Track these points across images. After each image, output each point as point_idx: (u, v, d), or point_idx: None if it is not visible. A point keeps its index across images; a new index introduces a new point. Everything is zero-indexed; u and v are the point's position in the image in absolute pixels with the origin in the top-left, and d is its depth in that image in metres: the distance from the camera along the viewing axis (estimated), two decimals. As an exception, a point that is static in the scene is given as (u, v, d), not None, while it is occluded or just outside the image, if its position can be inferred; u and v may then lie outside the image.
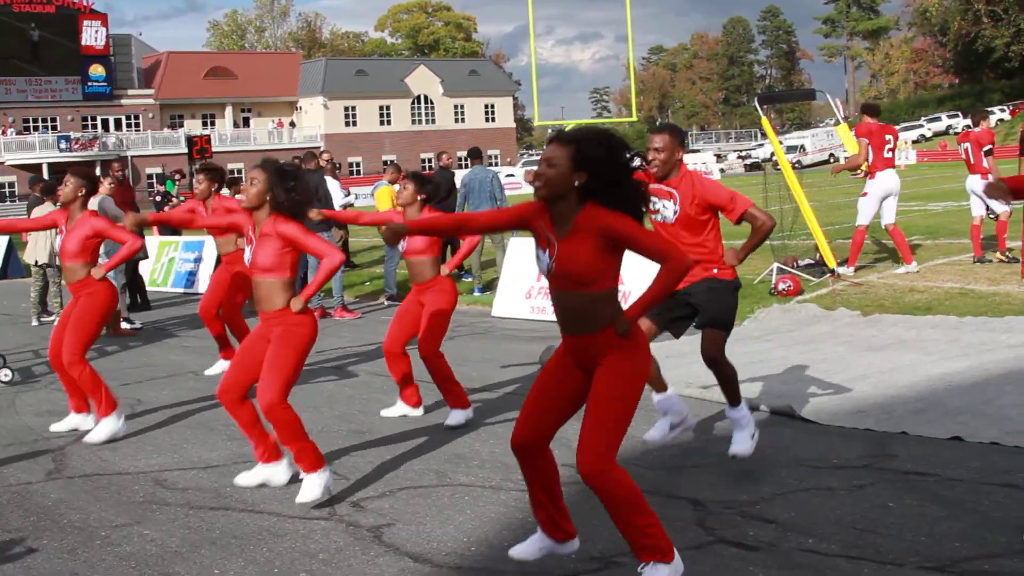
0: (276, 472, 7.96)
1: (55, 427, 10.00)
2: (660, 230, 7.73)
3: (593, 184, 5.42)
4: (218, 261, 13.44)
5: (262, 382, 7.44)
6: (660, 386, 8.07)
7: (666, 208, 7.71)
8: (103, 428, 9.62)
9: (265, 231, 7.60)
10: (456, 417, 9.66)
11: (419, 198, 9.81)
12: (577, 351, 5.65)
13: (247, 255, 7.72)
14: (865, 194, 16.40)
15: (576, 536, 6.06)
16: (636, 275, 13.65)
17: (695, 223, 7.66)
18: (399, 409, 10.11)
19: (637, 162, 5.55)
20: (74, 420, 10.06)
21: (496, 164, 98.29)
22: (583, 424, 5.44)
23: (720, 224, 7.82)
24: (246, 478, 8.00)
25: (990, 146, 16.59)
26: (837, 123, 19.85)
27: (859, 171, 18.19)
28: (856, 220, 16.70)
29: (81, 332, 9.65)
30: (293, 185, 7.65)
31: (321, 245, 7.61)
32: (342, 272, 17.85)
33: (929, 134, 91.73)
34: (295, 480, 7.70)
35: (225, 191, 13.55)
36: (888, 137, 16.52)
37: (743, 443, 7.83)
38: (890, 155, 16.49)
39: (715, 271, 7.70)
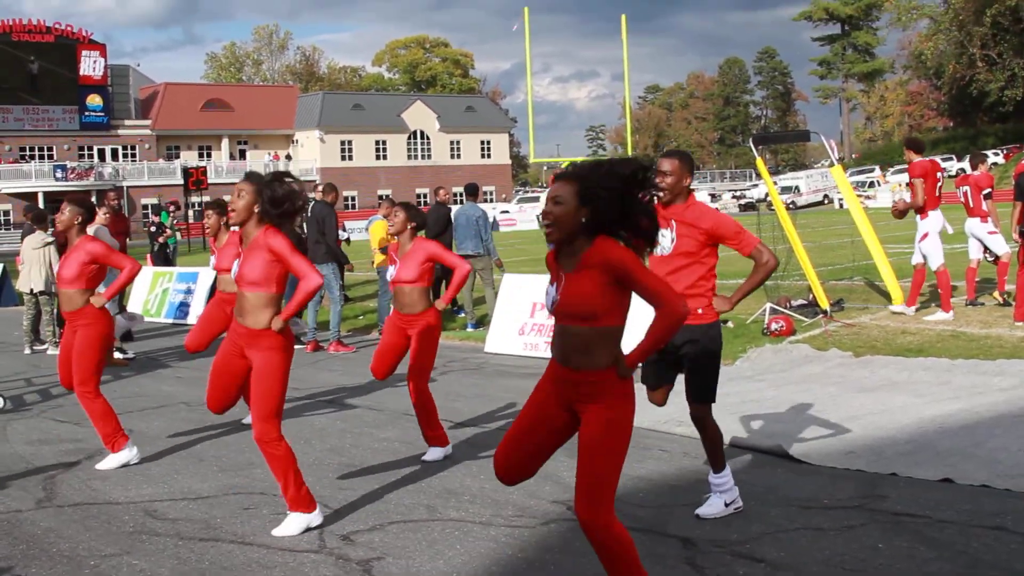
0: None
1: (101, 466, 9.92)
2: (656, 264, 7.65)
3: (600, 218, 5.43)
4: (210, 294, 13.39)
5: (254, 416, 7.48)
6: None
7: (663, 238, 7.55)
8: (116, 459, 9.68)
9: (255, 244, 7.61)
10: (434, 454, 9.67)
11: (410, 226, 9.86)
12: (566, 384, 5.62)
13: (234, 269, 7.74)
14: (926, 235, 16.20)
15: None
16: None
17: (694, 255, 7.56)
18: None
19: (648, 187, 5.54)
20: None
21: (491, 200, 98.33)
22: (578, 474, 5.43)
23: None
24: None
25: (989, 189, 16.60)
26: (831, 164, 19.88)
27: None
28: (930, 264, 16.30)
29: (88, 362, 9.64)
30: (281, 196, 7.64)
31: (303, 265, 7.57)
32: (340, 305, 17.82)
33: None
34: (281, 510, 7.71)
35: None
36: (939, 175, 16.37)
37: (714, 507, 7.72)
38: (939, 194, 16.27)
39: (699, 311, 7.56)
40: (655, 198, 5.72)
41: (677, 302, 5.41)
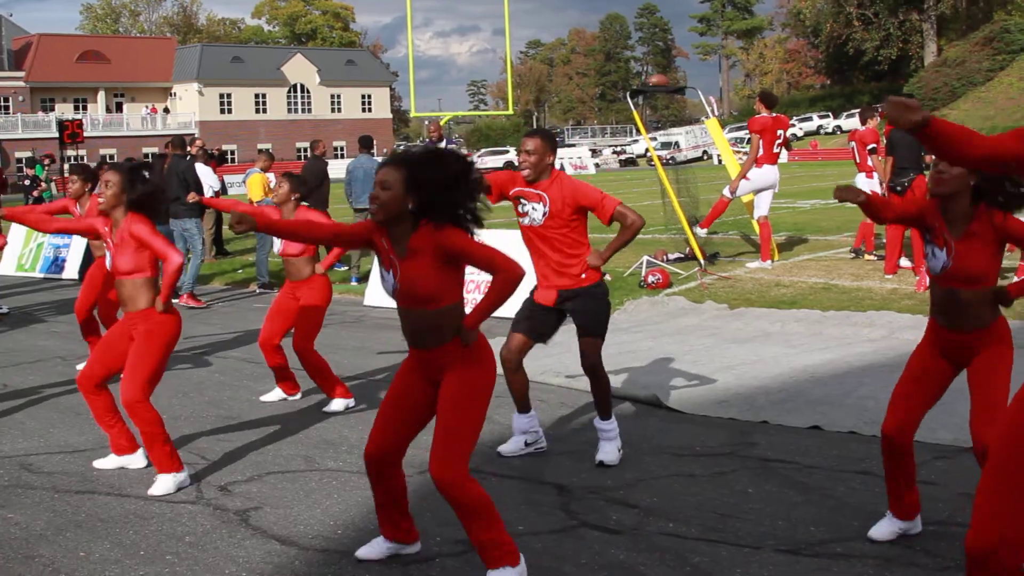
0: (133, 460, 8.00)
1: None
2: (529, 233, 7.80)
3: (426, 204, 5.52)
4: (89, 259, 13.21)
5: (125, 379, 7.49)
6: (524, 407, 8.12)
7: (535, 210, 7.72)
8: None
9: (121, 233, 7.69)
10: (336, 405, 9.72)
11: (294, 197, 9.89)
12: (424, 364, 5.76)
13: (108, 260, 7.79)
14: (746, 178, 16.64)
15: (418, 539, 6.21)
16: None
17: (564, 226, 7.68)
18: (278, 393, 10.16)
19: (472, 171, 5.66)
20: None
21: (374, 155, 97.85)
22: (435, 433, 5.54)
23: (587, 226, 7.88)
24: (104, 462, 8.03)
25: (874, 145, 16.90)
26: (709, 119, 20.09)
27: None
28: (755, 212, 16.93)
29: None
30: (147, 183, 7.75)
31: (162, 247, 7.60)
32: (200, 260, 17.54)
33: (800, 134, 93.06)
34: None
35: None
36: (779, 132, 16.79)
37: (611, 453, 7.87)
38: (777, 150, 16.74)
39: (583, 276, 7.72)
40: (482, 191, 5.81)
41: (513, 264, 5.51)
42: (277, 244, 10.25)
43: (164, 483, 7.50)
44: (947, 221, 5.78)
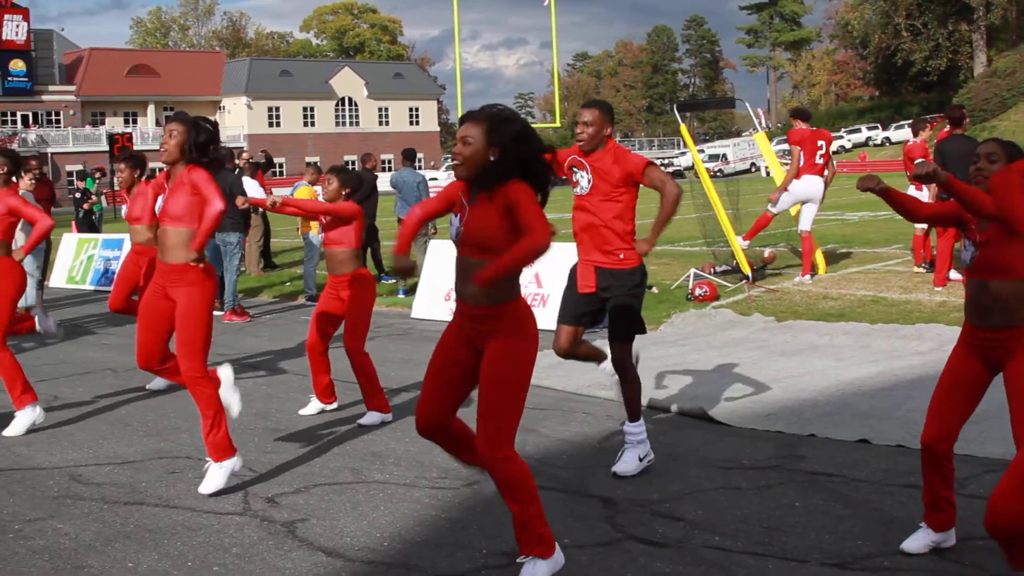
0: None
1: (8, 432, 9.75)
2: (577, 202, 7.86)
3: (506, 159, 5.61)
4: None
5: (181, 354, 7.68)
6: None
7: (583, 178, 7.80)
8: (20, 422, 9.58)
9: (179, 181, 7.81)
10: (371, 418, 9.72)
11: (343, 192, 9.92)
12: (468, 321, 5.80)
13: (158, 204, 7.88)
14: (787, 189, 16.62)
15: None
16: (555, 277, 13.81)
17: (610, 196, 7.71)
18: (315, 406, 10.17)
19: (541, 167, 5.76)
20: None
21: (420, 167, 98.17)
22: (478, 411, 5.61)
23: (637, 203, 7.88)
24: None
25: (921, 159, 16.81)
26: (757, 132, 20.06)
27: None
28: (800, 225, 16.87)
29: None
30: (208, 131, 7.89)
31: (212, 192, 7.70)
32: (236, 275, 17.45)
33: (849, 145, 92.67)
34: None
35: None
36: (820, 143, 16.73)
37: (630, 463, 7.84)
38: (821, 161, 16.67)
39: (621, 256, 7.72)
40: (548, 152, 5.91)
41: (544, 233, 5.47)
42: (321, 233, 10.26)
43: (215, 476, 7.63)
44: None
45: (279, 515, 7.19)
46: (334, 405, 10.19)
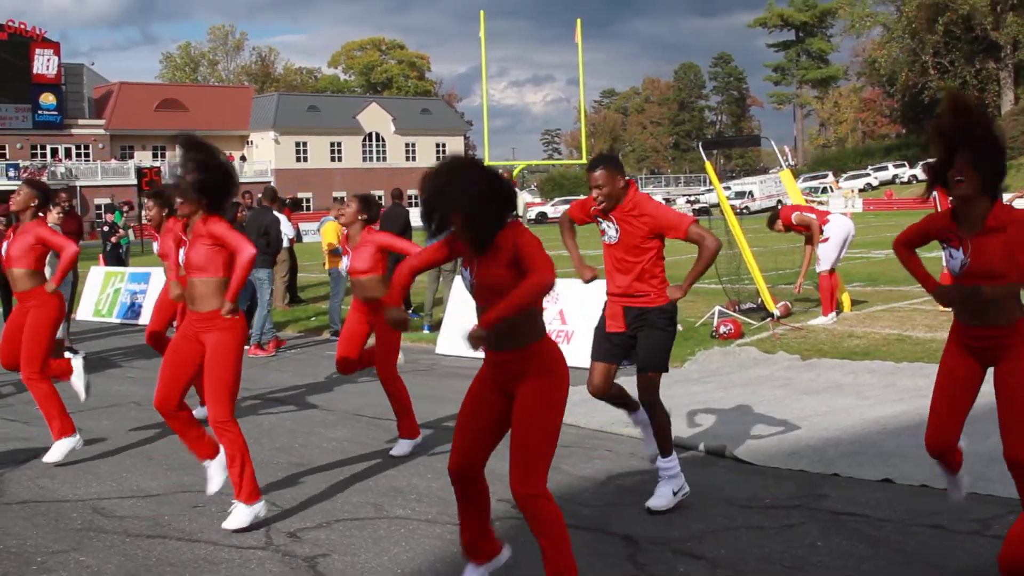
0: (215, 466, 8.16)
1: (47, 459, 9.83)
2: (606, 250, 7.87)
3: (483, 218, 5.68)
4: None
5: (209, 400, 7.67)
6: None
7: (610, 228, 7.81)
8: (59, 450, 9.68)
9: (196, 231, 7.90)
10: (401, 448, 9.74)
11: (361, 217, 9.94)
12: (497, 366, 5.84)
13: (180, 256, 7.96)
14: (827, 239, 16.57)
15: (502, 547, 6.25)
16: (579, 313, 13.82)
17: (637, 246, 7.72)
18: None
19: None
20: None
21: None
22: (511, 449, 5.60)
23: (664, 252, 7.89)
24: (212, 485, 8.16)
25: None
26: (782, 170, 20.06)
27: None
28: (819, 265, 16.76)
29: (37, 344, 9.71)
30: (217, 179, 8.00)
31: (237, 240, 7.80)
32: (267, 310, 17.50)
33: (876, 183, 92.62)
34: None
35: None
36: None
37: (664, 498, 7.86)
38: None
39: (652, 295, 7.75)
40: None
41: (548, 273, 5.54)
42: (345, 261, 10.28)
43: (241, 515, 7.64)
44: (963, 221, 6.01)
45: (301, 550, 7.20)
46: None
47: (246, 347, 16.77)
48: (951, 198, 6.09)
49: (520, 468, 5.60)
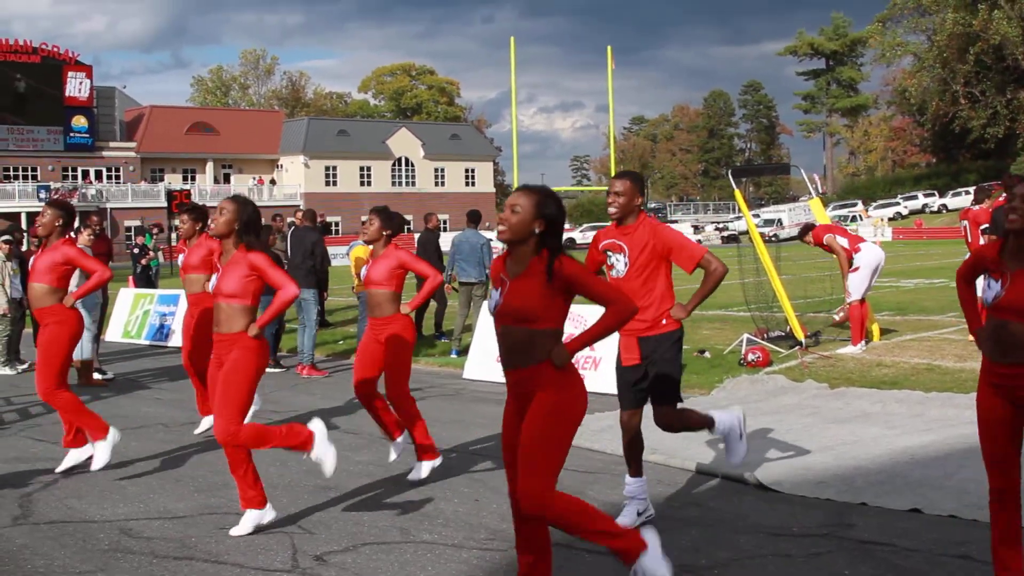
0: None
1: (94, 466, 10.02)
2: (616, 284, 7.89)
3: (549, 229, 5.82)
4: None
5: (217, 414, 7.76)
6: (636, 470, 8.19)
7: (618, 261, 7.88)
8: (101, 453, 9.80)
9: (234, 260, 8.06)
10: (418, 472, 9.72)
11: (385, 233, 9.91)
12: (516, 385, 5.92)
13: (212, 282, 8.05)
14: (857, 268, 16.54)
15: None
16: (606, 340, 13.79)
17: (646, 272, 7.81)
18: (393, 450, 10.07)
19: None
20: (72, 456, 10.25)
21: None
22: (518, 465, 5.63)
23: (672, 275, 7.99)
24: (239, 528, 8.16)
25: (987, 225, 16.70)
26: (811, 198, 20.04)
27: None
28: (849, 295, 16.69)
29: (53, 360, 9.82)
30: (255, 210, 8.21)
31: (281, 277, 8.05)
32: (314, 330, 17.72)
33: (905, 212, 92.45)
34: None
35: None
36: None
37: (739, 452, 8.46)
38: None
39: (663, 321, 7.84)
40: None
41: (628, 301, 5.77)
42: (362, 273, 10.28)
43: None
44: (1008, 254, 5.95)
45: (327, 573, 7.20)
46: (403, 438, 10.04)
47: (277, 370, 16.95)
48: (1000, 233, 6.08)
49: (526, 485, 5.68)
